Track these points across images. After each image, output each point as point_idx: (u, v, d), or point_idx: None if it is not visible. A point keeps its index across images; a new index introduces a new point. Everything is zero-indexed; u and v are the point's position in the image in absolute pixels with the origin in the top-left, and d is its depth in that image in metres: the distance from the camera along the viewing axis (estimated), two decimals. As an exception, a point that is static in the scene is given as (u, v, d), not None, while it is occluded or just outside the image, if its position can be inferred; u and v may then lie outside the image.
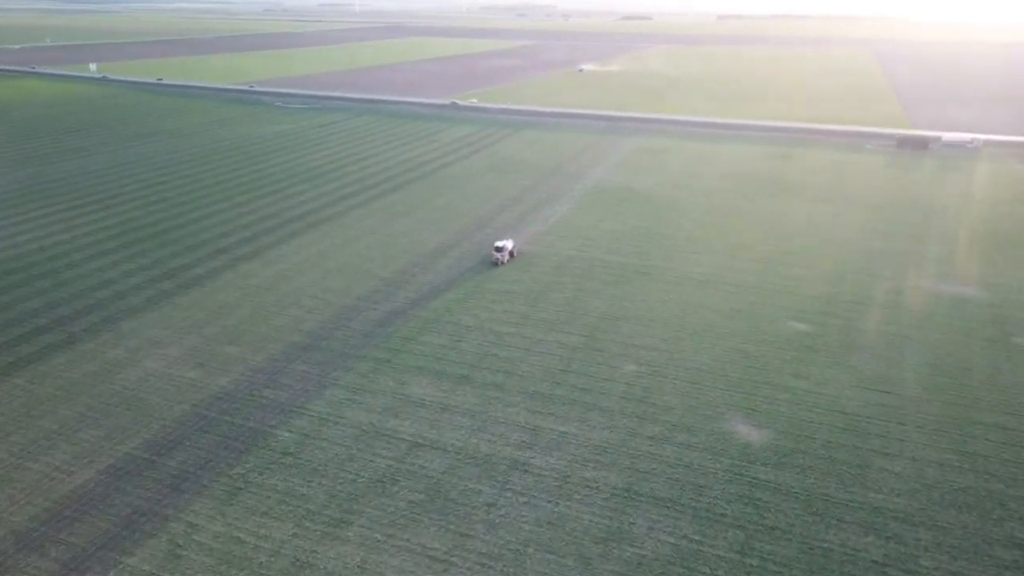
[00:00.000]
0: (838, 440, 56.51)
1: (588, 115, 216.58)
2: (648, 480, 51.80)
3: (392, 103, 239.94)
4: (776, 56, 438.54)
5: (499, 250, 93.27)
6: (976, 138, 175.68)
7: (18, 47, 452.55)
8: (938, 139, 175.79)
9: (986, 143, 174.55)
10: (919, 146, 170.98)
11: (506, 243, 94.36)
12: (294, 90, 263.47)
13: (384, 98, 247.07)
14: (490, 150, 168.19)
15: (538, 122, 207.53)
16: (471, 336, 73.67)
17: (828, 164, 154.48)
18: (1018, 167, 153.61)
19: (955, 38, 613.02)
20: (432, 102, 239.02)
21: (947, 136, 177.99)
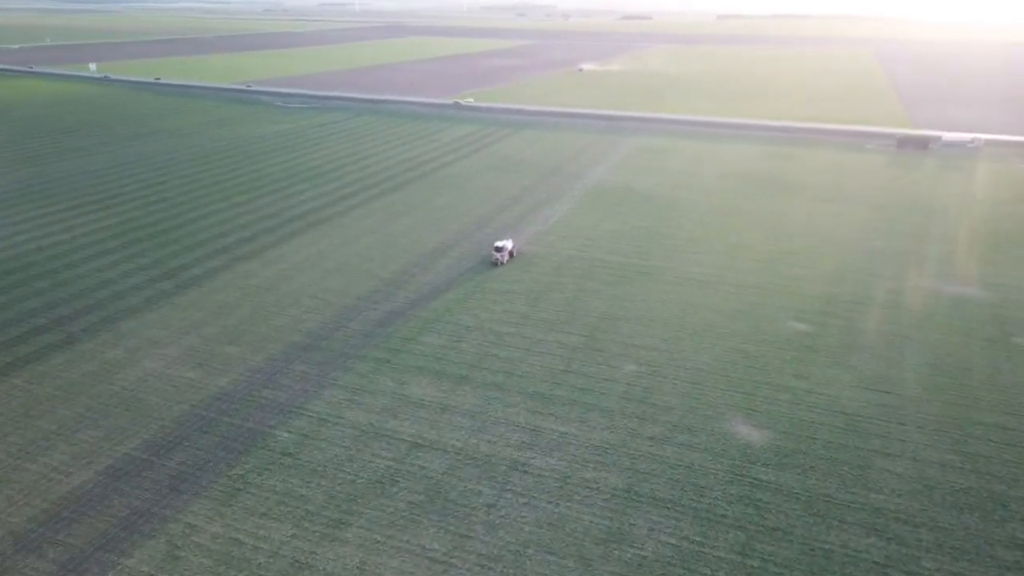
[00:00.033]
0: (839, 440, 56.35)
1: (588, 115, 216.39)
2: (649, 481, 51.64)
3: (392, 103, 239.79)
4: (776, 56, 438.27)
5: (499, 250, 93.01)
6: (977, 138, 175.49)
7: (17, 47, 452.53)
8: (939, 139, 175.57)
9: (987, 143, 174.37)
10: (920, 146, 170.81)
11: (506, 243, 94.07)
12: (294, 89, 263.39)
13: (384, 98, 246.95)
14: (490, 150, 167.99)
15: (538, 121, 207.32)
16: (471, 336, 73.50)
17: (829, 164, 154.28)
18: (1019, 167, 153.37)
19: (956, 38, 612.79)
20: (432, 101, 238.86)
21: (948, 136, 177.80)
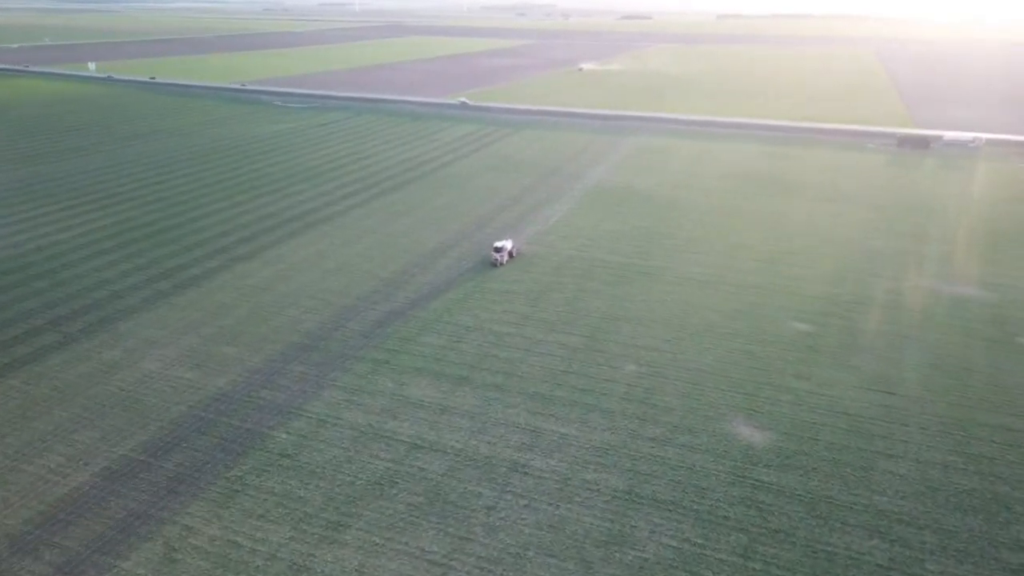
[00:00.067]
0: (841, 442, 56.00)
1: (588, 114, 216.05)
2: (650, 482, 51.28)
3: (392, 102, 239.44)
4: (776, 55, 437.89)
5: (498, 250, 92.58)
6: (978, 137, 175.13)
7: (16, 46, 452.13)
8: (939, 138, 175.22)
9: (988, 142, 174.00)
10: (920, 145, 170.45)
11: (505, 243, 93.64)
12: (294, 89, 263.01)
13: (384, 97, 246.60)
14: (490, 149, 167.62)
15: (538, 121, 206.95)
16: (471, 337, 73.14)
17: (829, 163, 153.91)
18: (1020, 166, 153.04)
19: (956, 37, 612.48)
20: (432, 101, 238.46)
21: (948, 135, 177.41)
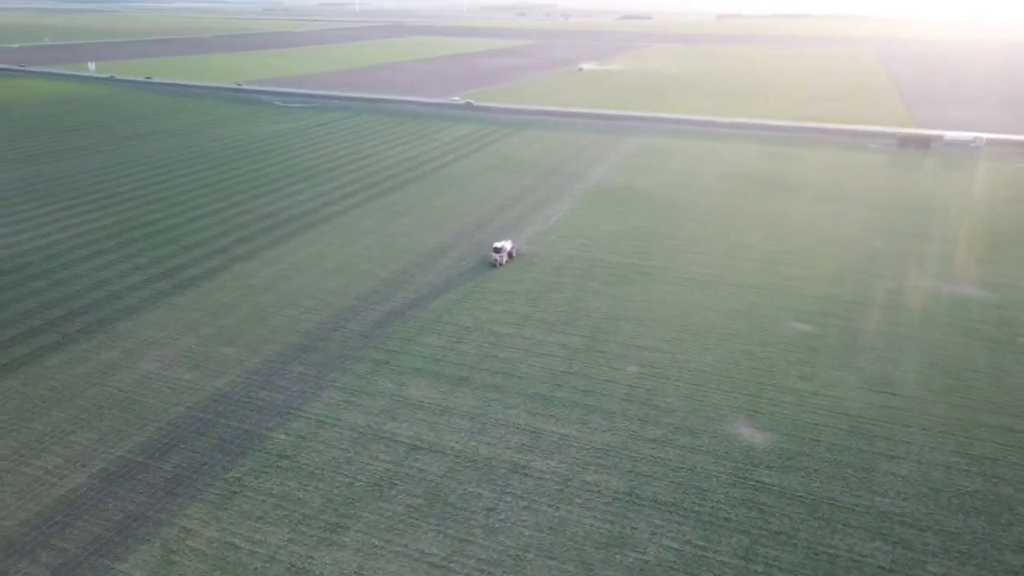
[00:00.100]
0: (843, 443, 55.70)
1: (588, 114, 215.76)
2: (650, 484, 50.99)
3: (392, 102, 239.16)
4: (776, 55, 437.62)
5: (498, 251, 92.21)
6: (978, 137, 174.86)
7: (16, 46, 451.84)
8: (940, 138, 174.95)
9: (988, 142, 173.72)
10: (921, 145, 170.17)
11: (505, 244, 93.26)
12: (293, 89, 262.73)
13: (384, 97, 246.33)
14: (490, 149, 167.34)
15: (538, 121, 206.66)
16: (470, 337, 72.85)
17: (829, 163, 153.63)
18: (1020, 166, 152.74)
19: (956, 37, 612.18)
20: (432, 101, 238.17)
21: (949, 135, 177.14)
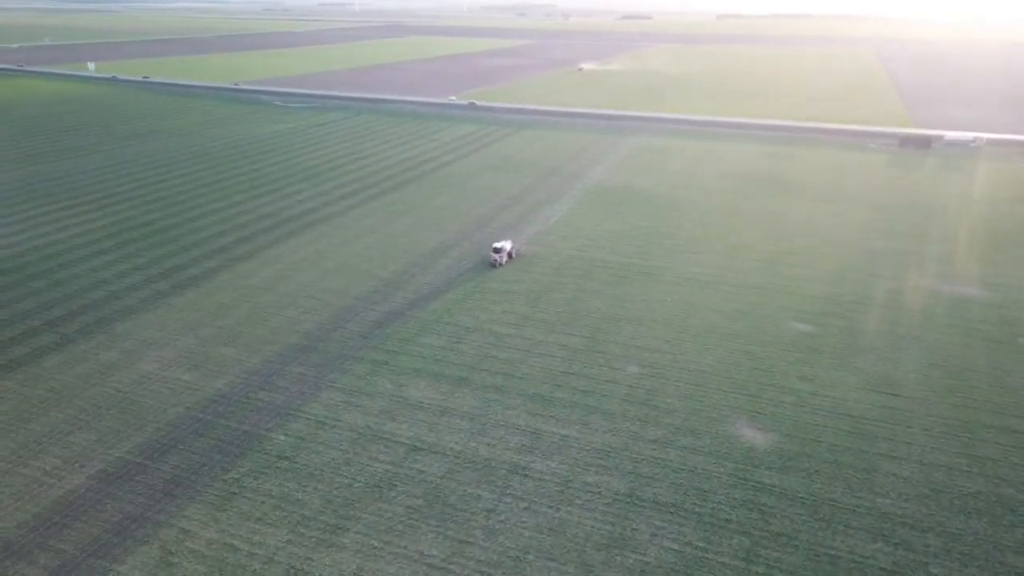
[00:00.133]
0: (844, 443, 55.50)
1: (588, 114, 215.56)
2: (651, 485, 50.79)
3: (392, 102, 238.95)
4: (776, 55, 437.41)
5: (497, 251, 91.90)
6: (979, 137, 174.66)
7: (16, 46, 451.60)
8: (940, 138, 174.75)
9: (989, 142, 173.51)
10: (921, 145, 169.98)
11: (504, 244, 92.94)
12: (293, 89, 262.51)
13: (384, 97, 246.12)
14: (490, 149, 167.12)
15: (538, 121, 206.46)
16: (470, 337, 72.64)
17: (829, 163, 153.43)
18: (1021, 166, 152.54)
19: (956, 38, 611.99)
20: (433, 101, 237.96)
21: (949, 135, 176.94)
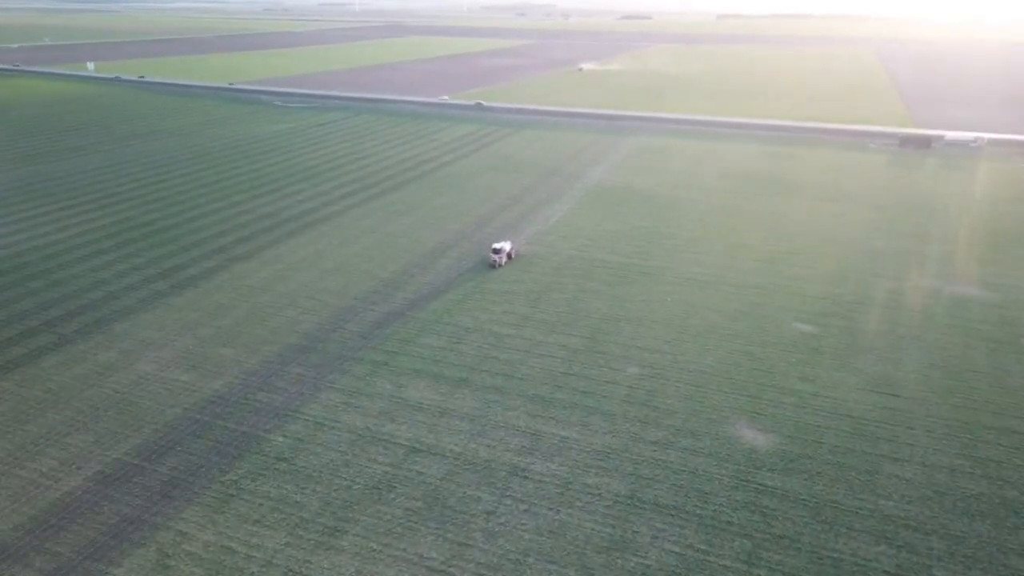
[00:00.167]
0: (846, 445, 55.17)
1: (588, 114, 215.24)
2: (652, 486, 50.45)
3: (392, 102, 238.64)
4: (776, 55, 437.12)
5: (497, 252, 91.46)
6: (979, 137, 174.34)
7: (16, 46, 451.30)
8: (941, 138, 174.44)
9: (989, 142, 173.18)
10: (922, 145, 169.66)
11: (504, 245, 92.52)
12: (293, 89, 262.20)
13: (384, 97, 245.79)
14: (490, 149, 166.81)
15: (538, 121, 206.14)
16: (470, 338, 72.31)
17: (830, 163, 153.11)
18: (1021, 166, 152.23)
19: (956, 37, 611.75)
20: (433, 101, 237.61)
21: (950, 135, 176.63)
